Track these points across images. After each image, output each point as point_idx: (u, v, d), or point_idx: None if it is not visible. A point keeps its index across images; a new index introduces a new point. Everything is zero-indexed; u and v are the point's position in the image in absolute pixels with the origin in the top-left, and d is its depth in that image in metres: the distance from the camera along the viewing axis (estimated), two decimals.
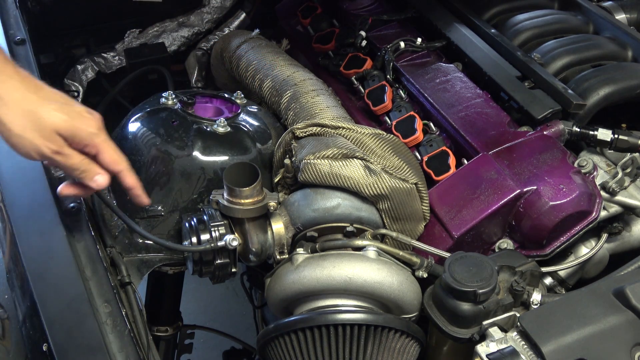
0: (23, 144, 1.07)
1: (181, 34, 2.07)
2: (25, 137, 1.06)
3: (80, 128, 1.10)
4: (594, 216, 1.29)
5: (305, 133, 1.41)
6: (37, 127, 1.06)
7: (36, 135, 1.07)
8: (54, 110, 1.08)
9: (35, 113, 1.06)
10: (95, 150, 1.13)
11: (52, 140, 1.08)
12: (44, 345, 1.12)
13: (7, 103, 1.05)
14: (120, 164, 1.17)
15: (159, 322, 1.70)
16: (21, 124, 1.06)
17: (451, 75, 1.59)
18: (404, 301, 1.23)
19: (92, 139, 1.12)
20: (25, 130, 1.06)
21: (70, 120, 1.09)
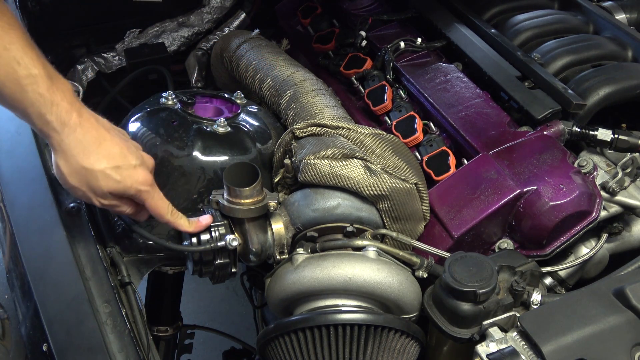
0: (76, 193, 1.16)
1: (181, 34, 2.07)
2: (80, 189, 1.14)
3: (131, 187, 1.17)
4: (594, 216, 1.29)
5: (305, 133, 1.41)
6: (91, 187, 1.14)
7: (89, 191, 1.15)
8: (110, 172, 1.14)
9: (91, 173, 1.12)
10: (141, 202, 1.21)
11: (104, 197, 1.17)
12: (44, 345, 1.12)
13: (67, 157, 1.11)
14: (164, 216, 1.24)
15: (159, 322, 1.70)
16: (77, 179, 1.13)
17: (451, 75, 1.59)
18: (404, 301, 1.23)
19: (140, 195, 1.19)
20: (80, 185, 1.14)
21: (123, 182, 1.16)
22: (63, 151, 1.10)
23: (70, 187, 1.15)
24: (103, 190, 1.14)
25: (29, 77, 1.03)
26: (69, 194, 1.34)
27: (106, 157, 1.13)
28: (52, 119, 1.07)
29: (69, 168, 1.12)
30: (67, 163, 1.11)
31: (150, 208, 1.22)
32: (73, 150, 1.10)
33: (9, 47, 1.02)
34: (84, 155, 1.11)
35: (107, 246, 1.33)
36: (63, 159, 1.11)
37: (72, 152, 1.10)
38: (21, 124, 1.46)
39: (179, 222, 1.25)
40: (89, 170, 1.12)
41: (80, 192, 1.15)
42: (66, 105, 1.08)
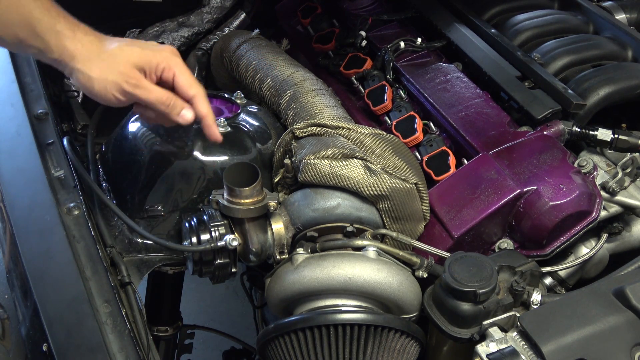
0: (105, 86, 1.13)
1: (181, 34, 2.07)
2: (106, 78, 1.13)
3: (154, 54, 1.16)
4: (594, 216, 1.29)
5: (305, 133, 1.41)
6: (113, 66, 1.13)
7: (115, 73, 1.13)
8: (128, 47, 1.15)
9: (110, 54, 1.13)
10: (171, 72, 1.18)
11: (130, 74, 1.14)
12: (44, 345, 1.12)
13: (84, 56, 1.12)
14: (196, 87, 1.20)
15: (159, 322, 1.70)
16: (99, 68, 1.12)
17: (451, 75, 1.59)
18: (404, 301, 1.23)
19: (168, 61, 1.17)
20: (104, 72, 1.12)
21: (143, 51, 1.15)
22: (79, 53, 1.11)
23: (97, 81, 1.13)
24: (127, 64, 1.13)
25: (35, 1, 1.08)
26: (69, 194, 1.34)
27: (121, 42, 1.16)
28: (62, 29, 1.10)
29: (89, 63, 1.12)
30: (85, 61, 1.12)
31: (182, 75, 1.18)
32: (88, 48, 1.12)
33: None
34: (99, 48, 1.13)
35: (107, 246, 1.33)
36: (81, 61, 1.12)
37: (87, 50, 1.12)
38: (21, 124, 1.46)
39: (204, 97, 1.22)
40: (108, 53, 1.13)
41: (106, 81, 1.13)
42: (71, 18, 1.13)
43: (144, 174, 1.39)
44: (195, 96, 1.20)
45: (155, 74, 1.17)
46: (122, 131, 1.48)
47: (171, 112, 1.19)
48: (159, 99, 1.17)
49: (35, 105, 1.51)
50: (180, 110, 1.20)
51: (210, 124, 1.24)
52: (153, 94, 1.16)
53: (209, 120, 1.23)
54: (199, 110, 1.22)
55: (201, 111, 1.22)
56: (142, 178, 1.40)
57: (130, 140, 1.44)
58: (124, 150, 1.45)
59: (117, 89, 1.13)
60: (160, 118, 1.22)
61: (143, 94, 1.15)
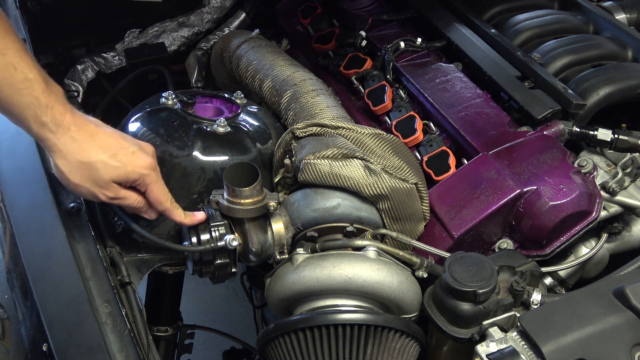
0: (81, 192, 1.17)
1: (181, 34, 2.07)
2: (83, 186, 1.15)
3: (133, 172, 1.18)
4: (594, 216, 1.29)
5: (305, 133, 1.41)
6: (94, 179, 1.15)
7: (93, 185, 1.16)
8: (109, 159, 1.15)
9: (91, 165, 1.14)
10: (144, 188, 1.22)
11: (108, 188, 1.17)
12: (44, 345, 1.12)
13: (65, 155, 1.12)
14: (164, 204, 1.25)
15: (159, 322, 1.70)
16: (78, 175, 1.14)
17: (451, 75, 1.59)
18: (404, 301, 1.23)
19: (142, 180, 1.20)
20: (83, 181, 1.15)
21: (124, 168, 1.17)
22: (60, 150, 1.12)
23: (74, 186, 1.15)
24: (105, 179, 1.15)
25: (25, 81, 1.05)
26: (69, 194, 1.34)
27: (102, 148, 1.15)
28: (48, 121, 1.09)
29: (68, 166, 1.13)
30: (65, 161, 1.13)
31: (152, 194, 1.22)
32: (69, 147, 1.12)
33: (5, 52, 1.03)
34: (80, 150, 1.13)
35: (107, 246, 1.33)
36: (61, 158, 1.13)
37: (68, 149, 1.12)
38: None
39: (176, 212, 1.26)
40: (88, 163, 1.13)
41: (84, 189, 1.16)
42: (60, 107, 1.10)
43: None
44: (164, 211, 1.26)
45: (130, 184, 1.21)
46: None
47: (141, 214, 1.26)
48: (131, 205, 1.23)
49: None
50: (146, 212, 1.27)
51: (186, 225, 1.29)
52: (127, 201, 1.21)
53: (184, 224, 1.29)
54: (174, 220, 1.28)
55: (176, 221, 1.28)
56: None
57: None
58: None
59: (94, 197, 1.18)
60: None
61: (118, 202, 1.21)
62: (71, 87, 1.96)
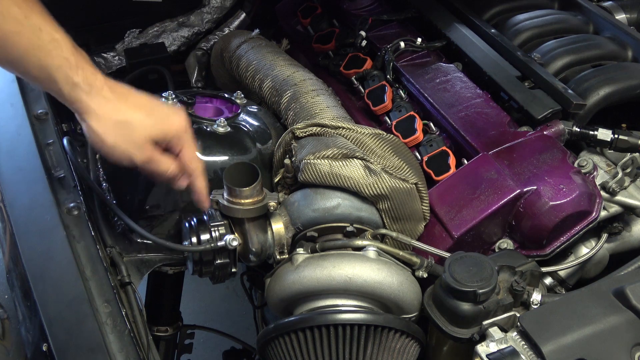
0: (116, 154, 1.13)
1: (181, 34, 2.07)
2: (119, 147, 1.12)
3: (170, 129, 1.15)
4: (594, 216, 1.29)
5: (305, 133, 1.41)
6: (130, 139, 1.12)
7: (129, 145, 1.12)
8: (145, 117, 1.13)
9: (127, 124, 1.11)
10: (179, 147, 1.18)
11: (144, 149, 1.13)
12: (44, 345, 1.12)
13: (100, 116, 1.09)
14: (195, 162, 1.21)
15: (159, 322, 1.70)
16: (114, 135, 1.11)
17: (451, 75, 1.59)
18: (404, 301, 1.23)
19: (179, 138, 1.17)
20: (118, 142, 1.11)
21: (160, 125, 1.14)
22: (94, 111, 1.09)
23: (109, 148, 1.12)
24: (141, 138, 1.12)
25: (53, 42, 1.04)
26: (69, 194, 1.34)
27: (137, 106, 1.13)
28: (80, 81, 1.06)
29: (103, 126, 1.10)
30: (100, 122, 1.10)
31: (187, 154, 1.19)
32: (104, 107, 1.09)
33: (30, 15, 1.01)
34: (115, 110, 1.10)
35: (107, 246, 1.33)
36: (95, 120, 1.09)
37: (103, 109, 1.09)
38: (21, 124, 1.46)
39: (203, 179, 1.23)
40: (124, 122, 1.11)
41: (119, 150, 1.12)
42: (90, 68, 1.09)
43: (144, 174, 1.39)
44: (194, 170, 1.22)
45: (165, 144, 1.18)
46: None
47: (172, 182, 1.22)
48: (164, 171, 1.19)
49: (35, 105, 1.51)
50: (179, 180, 1.22)
51: (203, 199, 1.25)
52: (161, 166, 1.18)
53: (202, 197, 1.25)
54: (195, 187, 1.24)
55: (197, 188, 1.24)
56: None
57: None
58: None
59: (128, 159, 1.14)
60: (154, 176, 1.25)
61: (152, 167, 1.17)
62: None
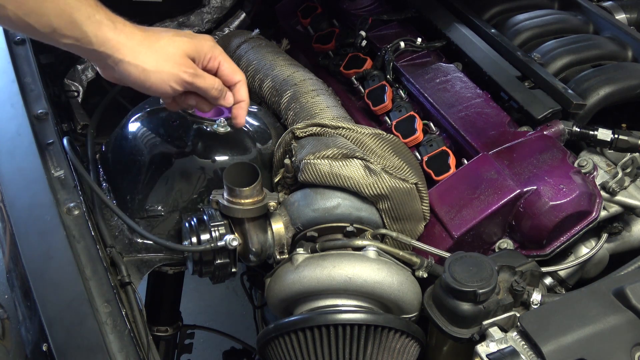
0: (162, 77, 1.12)
1: None
2: (162, 70, 1.11)
3: (202, 43, 1.16)
4: (594, 216, 1.29)
5: (305, 133, 1.41)
6: (169, 57, 1.12)
7: (171, 64, 1.12)
8: (174, 36, 1.14)
9: (161, 46, 1.12)
10: (217, 61, 1.19)
11: (186, 64, 1.14)
12: (44, 345, 1.12)
13: (133, 47, 1.09)
14: (239, 73, 1.23)
15: (159, 322, 1.70)
16: (154, 59, 1.11)
17: (451, 75, 1.59)
18: (404, 301, 1.23)
19: (213, 51, 1.18)
20: (159, 64, 1.11)
21: (192, 40, 1.15)
22: (125, 44, 1.08)
23: (153, 74, 1.11)
24: (179, 53, 1.13)
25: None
26: (69, 194, 1.34)
27: (163, 32, 1.15)
28: (103, 18, 1.07)
29: (141, 55, 1.10)
30: (135, 52, 1.09)
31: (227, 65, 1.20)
32: (134, 38, 1.10)
33: None
34: (145, 37, 1.11)
35: (107, 246, 1.33)
36: (130, 52, 1.09)
37: (134, 40, 1.09)
38: (21, 124, 1.46)
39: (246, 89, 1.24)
40: (157, 45, 1.11)
41: (164, 72, 1.11)
42: (106, 9, 1.10)
43: (144, 174, 1.39)
44: (240, 81, 1.23)
45: (202, 62, 1.18)
46: (122, 131, 1.48)
47: (220, 96, 1.21)
48: (212, 85, 1.18)
49: (35, 105, 1.51)
50: (227, 93, 1.23)
51: (245, 108, 1.26)
52: (208, 81, 1.17)
53: (245, 105, 1.26)
54: (240, 95, 1.24)
55: (242, 96, 1.25)
56: (142, 178, 1.40)
57: (130, 140, 1.44)
58: (124, 150, 1.45)
59: (176, 80, 1.13)
60: (200, 104, 1.24)
61: (200, 82, 1.16)
62: (71, 87, 1.96)
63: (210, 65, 1.19)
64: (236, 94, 1.24)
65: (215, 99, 1.21)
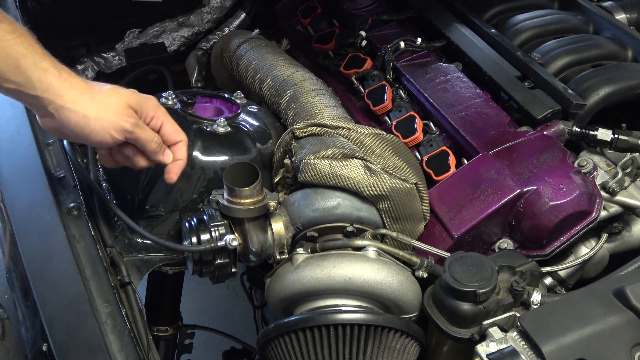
0: (103, 125, 1.10)
1: (181, 34, 2.07)
2: (104, 117, 1.10)
3: (145, 100, 1.15)
4: (594, 216, 1.29)
5: (305, 133, 1.41)
6: (110, 106, 1.10)
7: (112, 112, 1.11)
8: (117, 88, 1.13)
9: (103, 96, 1.10)
10: (160, 121, 1.18)
11: (128, 113, 1.12)
12: (44, 345, 1.12)
13: (76, 95, 1.08)
14: (182, 134, 1.22)
15: (159, 322, 1.70)
16: (95, 107, 1.09)
17: (451, 75, 1.59)
18: (404, 301, 1.23)
19: (156, 110, 1.17)
20: (101, 112, 1.10)
21: (135, 95, 1.14)
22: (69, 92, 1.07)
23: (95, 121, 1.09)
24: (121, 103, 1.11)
25: (14, 32, 1.03)
26: (69, 194, 1.34)
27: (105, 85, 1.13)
28: (49, 66, 1.06)
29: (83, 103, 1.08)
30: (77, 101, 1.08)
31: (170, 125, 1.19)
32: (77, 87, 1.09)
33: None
34: (88, 87, 1.10)
35: (107, 246, 1.33)
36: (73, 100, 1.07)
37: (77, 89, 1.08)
38: (21, 124, 1.46)
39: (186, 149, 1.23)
40: (100, 95, 1.10)
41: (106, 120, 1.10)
42: (52, 57, 1.09)
43: (144, 174, 1.39)
44: (181, 141, 1.22)
45: (145, 119, 1.16)
46: None
47: (159, 151, 1.19)
48: (152, 138, 1.17)
49: None
50: (166, 150, 1.21)
51: (181, 167, 1.24)
52: (149, 133, 1.16)
53: (182, 164, 1.24)
54: (180, 154, 1.22)
55: (181, 155, 1.23)
56: (142, 178, 1.40)
57: None
58: None
59: (116, 128, 1.11)
60: (137, 158, 1.21)
61: (141, 133, 1.14)
62: None
63: (153, 123, 1.18)
64: (176, 152, 1.22)
65: (154, 152, 1.18)
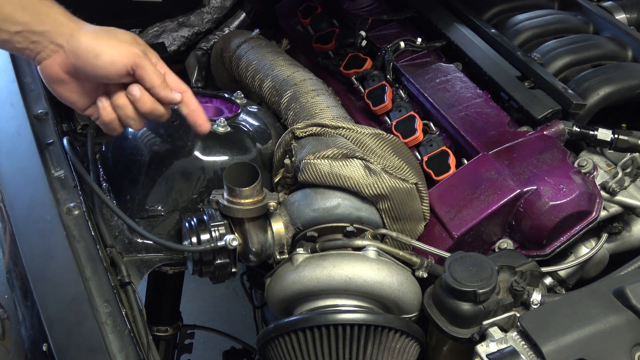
0: (115, 46, 1.12)
1: (181, 34, 2.07)
2: (115, 41, 1.12)
3: (149, 47, 1.17)
4: (594, 216, 1.29)
5: (305, 133, 1.41)
6: (120, 34, 1.14)
7: (123, 39, 1.13)
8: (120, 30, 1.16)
9: (113, 33, 1.13)
10: (164, 69, 1.18)
11: (139, 41, 1.14)
12: (44, 345, 1.12)
13: (86, 26, 1.12)
14: (184, 84, 1.21)
15: (159, 322, 1.70)
16: (105, 33, 1.12)
17: (451, 75, 1.59)
18: (404, 301, 1.23)
19: (159, 59, 1.18)
20: (112, 37, 1.12)
21: (136, 38, 1.16)
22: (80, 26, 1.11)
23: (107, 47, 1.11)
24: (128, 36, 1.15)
25: None
26: (69, 194, 1.34)
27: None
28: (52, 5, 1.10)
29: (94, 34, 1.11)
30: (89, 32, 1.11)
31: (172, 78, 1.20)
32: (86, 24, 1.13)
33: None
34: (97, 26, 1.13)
35: (107, 246, 1.33)
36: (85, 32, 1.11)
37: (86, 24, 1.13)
38: (21, 124, 1.46)
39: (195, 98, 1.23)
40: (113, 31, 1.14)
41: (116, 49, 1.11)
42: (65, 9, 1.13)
43: (144, 174, 1.39)
44: (187, 91, 1.21)
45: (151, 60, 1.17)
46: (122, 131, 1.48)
47: (166, 87, 1.17)
48: (159, 72, 1.16)
49: (35, 105, 1.51)
50: (172, 93, 1.19)
51: (202, 114, 1.22)
52: (155, 67, 1.16)
53: (201, 111, 1.22)
54: (193, 103, 1.21)
55: (195, 104, 1.22)
56: (142, 178, 1.40)
57: (130, 140, 1.44)
58: (124, 150, 1.45)
59: (127, 52, 1.11)
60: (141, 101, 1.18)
61: (149, 64, 1.14)
62: None
63: (157, 68, 1.18)
64: (188, 103, 1.21)
65: (160, 87, 1.16)
